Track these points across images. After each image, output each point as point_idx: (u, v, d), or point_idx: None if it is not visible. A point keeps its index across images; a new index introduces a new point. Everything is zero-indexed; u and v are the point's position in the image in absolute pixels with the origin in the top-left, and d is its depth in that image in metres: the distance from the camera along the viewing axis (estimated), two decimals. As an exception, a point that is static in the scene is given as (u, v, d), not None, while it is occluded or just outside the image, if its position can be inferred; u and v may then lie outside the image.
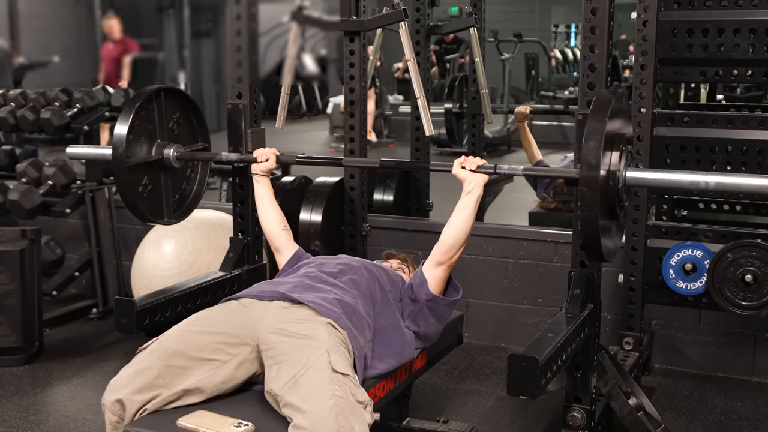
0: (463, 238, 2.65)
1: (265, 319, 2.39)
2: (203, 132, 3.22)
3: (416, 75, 3.30)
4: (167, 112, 3.03)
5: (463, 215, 2.66)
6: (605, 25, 2.61)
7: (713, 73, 3.34)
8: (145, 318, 2.79)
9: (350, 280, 2.62)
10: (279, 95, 3.56)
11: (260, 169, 3.00)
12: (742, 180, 2.39)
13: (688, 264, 3.29)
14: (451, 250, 2.64)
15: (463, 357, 4.01)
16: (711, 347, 3.88)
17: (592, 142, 2.31)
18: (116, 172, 2.89)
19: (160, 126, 3.01)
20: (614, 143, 2.38)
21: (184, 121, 3.12)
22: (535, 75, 12.46)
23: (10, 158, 5.36)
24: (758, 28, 3.16)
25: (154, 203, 3.02)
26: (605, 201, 2.36)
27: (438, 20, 5.25)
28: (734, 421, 3.41)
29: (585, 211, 2.34)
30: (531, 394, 2.34)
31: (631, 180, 2.44)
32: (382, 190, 4.71)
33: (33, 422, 3.36)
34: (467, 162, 2.70)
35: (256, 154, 3.00)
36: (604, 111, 2.34)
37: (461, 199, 2.68)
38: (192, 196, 3.21)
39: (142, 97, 2.93)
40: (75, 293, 4.82)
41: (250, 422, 2.17)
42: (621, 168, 2.40)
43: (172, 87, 3.13)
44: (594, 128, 2.32)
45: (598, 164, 2.29)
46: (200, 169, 3.23)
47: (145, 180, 2.96)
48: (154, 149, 2.98)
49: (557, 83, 13.27)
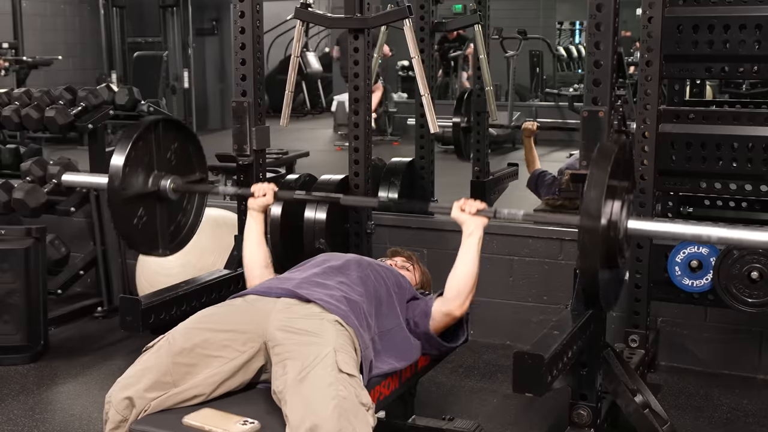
0: (471, 284, 2.60)
1: (273, 315, 2.39)
2: (201, 163, 3.18)
3: (420, 72, 3.29)
4: (165, 143, 2.99)
5: (466, 260, 2.61)
6: (610, 21, 2.60)
7: (719, 69, 3.32)
8: (150, 316, 2.79)
9: (358, 277, 2.62)
10: (283, 93, 3.54)
11: (257, 204, 2.95)
12: (745, 234, 2.33)
13: (694, 261, 3.28)
14: (458, 298, 2.60)
15: (469, 355, 4.01)
16: (717, 344, 3.87)
17: (593, 193, 2.27)
18: (111, 203, 2.85)
19: (158, 157, 2.96)
20: (616, 193, 2.35)
21: (182, 152, 3.08)
22: (539, 72, 12.45)
23: (15, 157, 5.38)
24: (764, 24, 3.15)
25: (148, 235, 2.97)
26: (606, 251, 2.33)
27: (442, 17, 5.24)
28: (740, 419, 3.40)
29: (585, 262, 2.31)
30: (537, 392, 2.34)
31: (632, 231, 2.41)
32: (387, 188, 4.69)
33: (38, 420, 3.36)
34: (467, 205, 2.65)
35: (253, 189, 2.96)
36: (607, 161, 2.32)
37: (462, 243, 2.63)
38: (188, 228, 3.17)
39: (140, 128, 2.89)
40: (80, 292, 4.82)
41: (255, 420, 2.17)
42: (622, 218, 2.37)
43: (170, 118, 3.11)
44: (596, 178, 2.29)
45: (599, 215, 2.26)
46: (197, 200, 3.18)
47: (141, 211, 2.92)
48: (150, 180, 2.94)
49: (562, 80, 13.25)
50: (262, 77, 3.25)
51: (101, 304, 4.59)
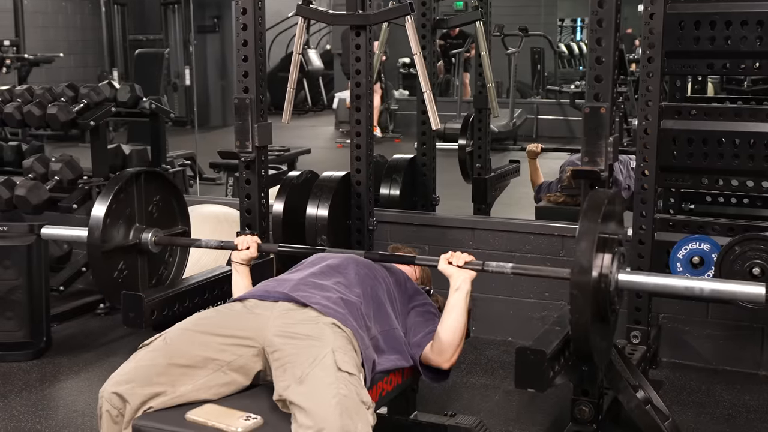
0: (458, 338, 2.56)
1: (270, 321, 2.39)
2: (183, 215, 3.17)
3: (422, 69, 3.29)
4: (147, 195, 2.98)
5: (452, 315, 2.56)
6: (612, 17, 2.60)
7: (720, 65, 3.33)
8: (152, 312, 2.80)
9: (356, 277, 2.61)
10: (284, 90, 3.55)
11: (240, 257, 2.89)
12: (737, 288, 2.33)
13: (695, 257, 3.28)
14: (447, 351, 2.56)
15: (471, 351, 4.01)
16: (719, 341, 3.87)
17: (584, 243, 2.26)
18: (90, 256, 2.84)
19: (139, 209, 2.96)
20: (606, 245, 2.34)
21: (164, 205, 3.08)
22: (540, 69, 12.44)
23: (17, 154, 5.38)
24: (765, 20, 3.14)
25: (129, 288, 2.94)
26: (597, 304, 2.31)
27: (444, 14, 5.24)
28: (742, 415, 3.41)
29: (576, 315, 2.29)
30: (539, 388, 2.34)
31: (623, 283, 2.40)
32: (388, 185, 4.70)
33: (41, 417, 3.37)
34: (454, 258, 2.60)
35: (237, 242, 2.91)
36: (597, 211, 2.31)
37: (450, 296, 2.59)
38: (170, 281, 3.16)
39: (122, 180, 2.88)
40: (82, 288, 4.82)
41: (258, 415, 2.18)
42: (613, 271, 2.36)
43: (152, 170, 3.09)
44: (586, 229, 2.28)
45: (590, 267, 2.24)
46: (179, 253, 3.17)
47: (121, 265, 2.92)
48: (131, 233, 2.93)
49: (563, 77, 13.24)
50: (264, 74, 3.26)
51: (103, 301, 4.59)
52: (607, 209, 2.35)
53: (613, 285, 2.37)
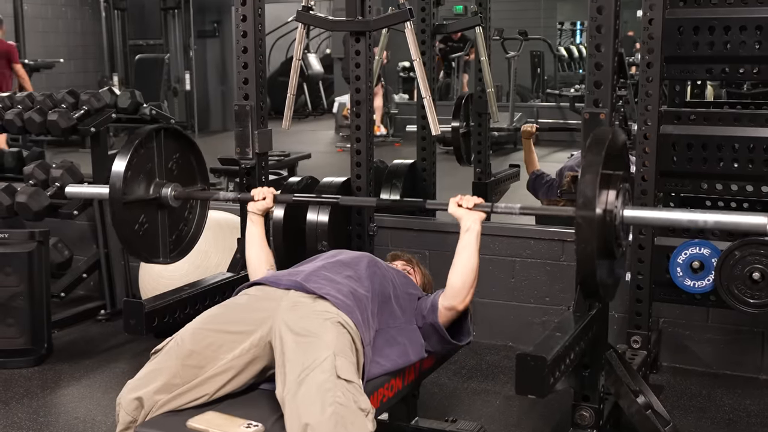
0: (471, 279, 2.58)
1: (279, 312, 2.40)
2: (203, 174, 3.17)
3: (422, 74, 3.30)
4: (167, 152, 3.00)
5: (465, 255, 2.59)
6: (611, 23, 2.61)
7: (719, 70, 3.33)
8: (153, 319, 2.80)
9: (366, 272, 2.63)
10: (284, 95, 3.55)
11: (256, 208, 2.95)
12: (740, 218, 2.34)
13: (695, 262, 3.28)
14: (459, 294, 2.59)
15: (471, 356, 4.01)
16: (719, 345, 3.87)
17: (588, 176, 2.26)
18: (112, 208, 2.85)
19: (159, 165, 2.97)
20: (611, 181, 2.34)
21: (184, 162, 3.08)
22: (540, 73, 12.46)
23: (18, 160, 5.39)
24: (764, 25, 3.15)
25: (149, 242, 2.97)
26: (602, 237, 2.31)
27: (443, 19, 5.25)
28: (743, 419, 3.41)
29: (581, 247, 2.28)
30: (539, 393, 2.34)
31: (628, 219, 2.40)
32: (389, 190, 4.70)
33: (42, 424, 3.37)
34: (464, 200, 2.64)
35: (253, 193, 2.96)
36: (601, 146, 2.31)
37: (460, 238, 2.62)
38: (189, 237, 3.18)
39: (142, 135, 2.88)
40: (83, 295, 4.83)
41: (259, 423, 2.18)
42: (618, 206, 2.36)
43: (172, 127, 3.09)
44: (591, 162, 2.27)
45: (594, 201, 2.24)
46: (198, 209, 3.19)
47: (142, 218, 2.92)
48: (152, 188, 2.95)
49: (563, 81, 13.25)
50: (264, 81, 3.26)
51: (104, 307, 4.60)
52: (612, 144, 2.35)
53: (619, 219, 2.36)
